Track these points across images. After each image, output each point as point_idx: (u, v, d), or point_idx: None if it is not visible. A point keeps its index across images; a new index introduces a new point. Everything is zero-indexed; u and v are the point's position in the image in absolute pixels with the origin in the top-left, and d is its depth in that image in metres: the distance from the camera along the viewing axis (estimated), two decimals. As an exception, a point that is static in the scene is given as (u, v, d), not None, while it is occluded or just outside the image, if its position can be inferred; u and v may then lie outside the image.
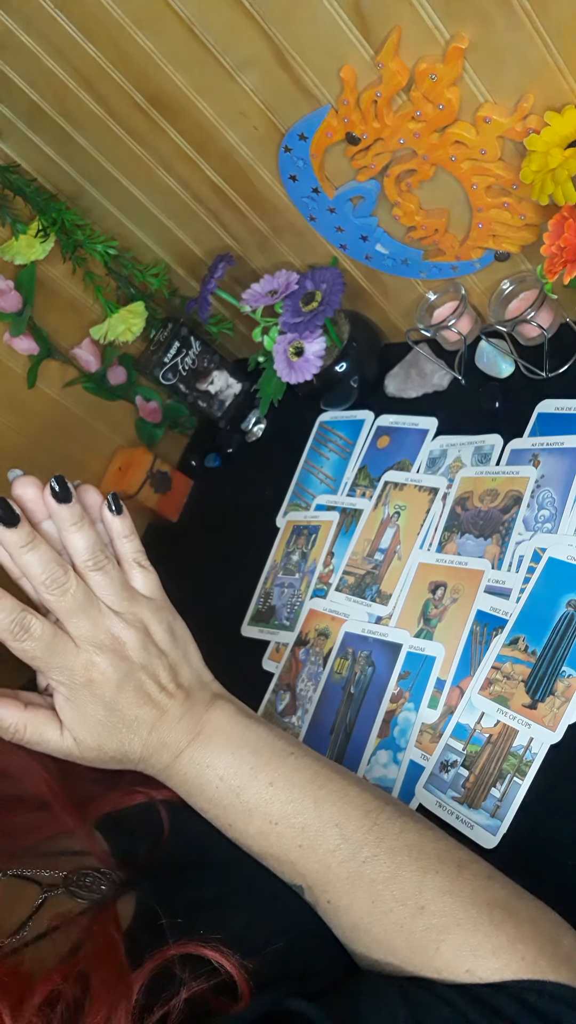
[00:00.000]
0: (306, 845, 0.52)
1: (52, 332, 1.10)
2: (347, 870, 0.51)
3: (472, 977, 0.47)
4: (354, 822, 0.52)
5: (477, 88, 0.69)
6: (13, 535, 0.51)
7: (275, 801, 0.53)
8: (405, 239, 0.87)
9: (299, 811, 0.52)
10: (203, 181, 0.95)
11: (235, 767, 0.53)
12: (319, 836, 0.52)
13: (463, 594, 0.80)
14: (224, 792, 0.53)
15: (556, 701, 0.69)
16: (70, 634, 0.52)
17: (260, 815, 0.53)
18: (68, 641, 0.52)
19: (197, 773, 0.54)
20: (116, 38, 0.80)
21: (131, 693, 0.53)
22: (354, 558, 0.92)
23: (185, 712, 0.55)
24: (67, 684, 0.52)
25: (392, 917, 0.49)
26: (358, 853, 0.51)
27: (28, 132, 0.97)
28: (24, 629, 0.51)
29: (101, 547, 0.54)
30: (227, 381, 1.20)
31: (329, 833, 0.52)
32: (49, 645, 0.51)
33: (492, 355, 0.90)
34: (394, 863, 0.50)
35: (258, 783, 0.53)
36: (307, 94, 0.77)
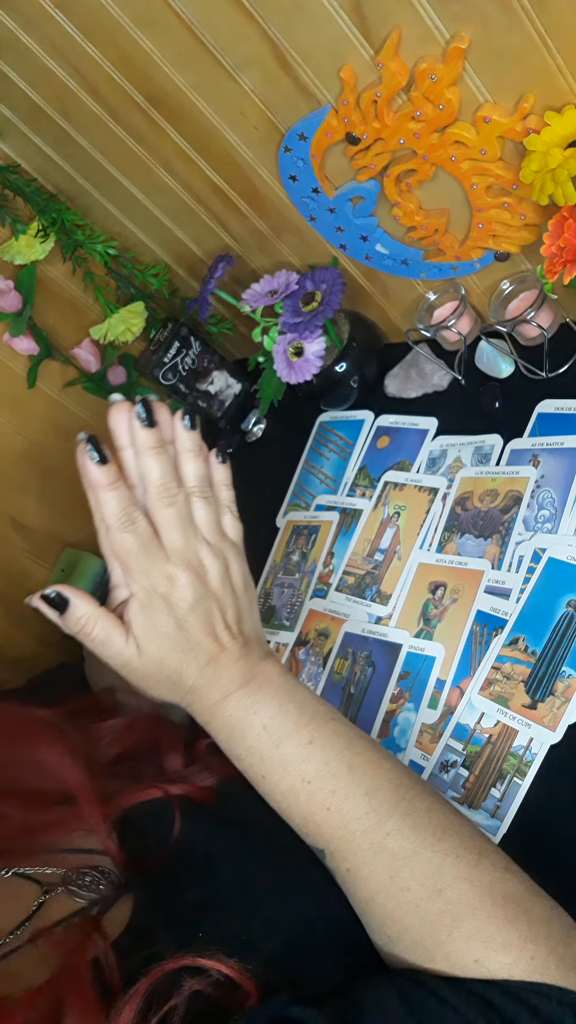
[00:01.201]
0: (334, 808, 0.52)
1: (52, 332, 1.10)
2: (370, 840, 0.51)
3: (480, 968, 0.47)
4: (384, 793, 0.52)
5: (477, 88, 0.69)
6: (148, 436, 0.56)
7: (312, 759, 0.53)
8: (405, 239, 0.87)
9: (333, 773, 0.53)
10: (203, 181, 0.95)
11: (280, 718, 0.55)
12: (348, 800, 0.52)
13: (463, 594, 0.80)
14: (265, 741, 0.54)
15: (556, 701, 0.69)
16: (164, 544, 0.56)
17: (295, 770, 0.53)
18: (161, 549, 0.55)
19: (242, 717, 0.55)
20: (116, 38, 0.80)
21: (201, 618, 0.55)
22: (354, 558, 0.92)
23: (241, 656, 0.56)
24: (147, 589, 0.55)
25: (408, 896, 0.50)
26: (383, 824, 0.51)
27: (28, 132, 0.97)
28: (131, 521, 0.55)
29: (208, 481, 0.58)
30: (227, 381, 1.20)
31: (358, 799, 0.52)
32: (146, 545, 0.55)
33: (492, 355, 0.90)
34: (417, 840, 0.51)
35: (298, 738, 0.54)
36: (307, 94, 0.77)
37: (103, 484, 0.58)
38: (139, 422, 0.56)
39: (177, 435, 0.58)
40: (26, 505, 1.12)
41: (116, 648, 0.56)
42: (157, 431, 0.56)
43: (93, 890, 0.53)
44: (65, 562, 1.14)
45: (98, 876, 0.54)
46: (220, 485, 0.60)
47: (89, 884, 0.54)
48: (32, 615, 1.16)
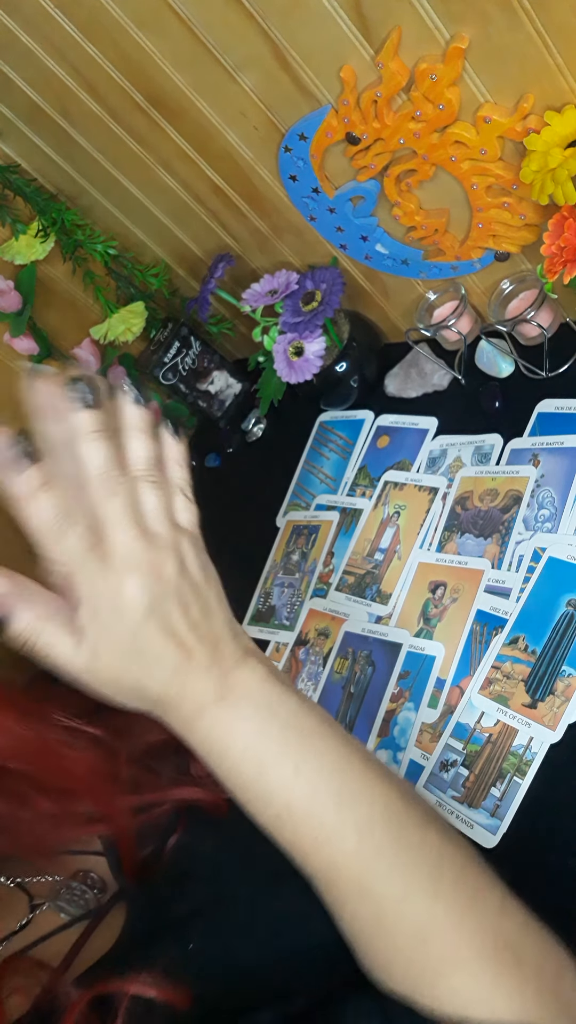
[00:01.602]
0: (321, 840, 0.48)
1: (52, 332, 1.10)
2: (357, 881, 0.47)
3: (465, 1016, 0.44)
4: (375, 828, 0.48)
5: (477, 88, 0.69)
6: (89, 418, 0.46)
7: (297, 789, 0.48)
8: (405, 239, 0.87)
9: (321, 806, 0.48)
10: (203, 181, 0.95)
11: (261, 742, 0.48)
12: (335, 837, 0.48)
13: (463, 594, 0.80)
14: (245, 767, 0.48)
15: (556, 700, 0.69)
16: (108, 545, 0.47)
17: (279, 800, 0.48)
18: (105, 552, 0.47)
19: (219, 737, 0.48)
20: (116, 38, 0.80)
21: (159, 624, 0.47)
22: (354, 558, 0.92)
23: (213, 663, 0.49)
24: (95, 596, 0.47)
25: (394, 940, 0.47)
26: (372, 866, 0.47)
27: (28, 132, 0.97)
28: (68, 526, 0.47)
29: (159, 465, 0.50)
30: (227, 381, 1.20)
31: (347, 836, 0.48)
32: (87, 550, 0.47)
33: (492, 355, 0.90)
34: (407, 884, 0.47)
35: (282, 766, 0.48)
36: (307, 94, 0.77)
37: (32, 490, 0.48)
38: (76, 403, 0.47)
39: (122, 411, 0.49)
40: (26, 505, 1.12)
41: (65, 656, 0.49)
42: (100, 412, 0.47)
43: (80, 904, 0.51)
44: (65, 562, 1.14)
45: (86, 888, 0.52)
46: (173, 463, 0.52)
47: (78, 898, 0.51)
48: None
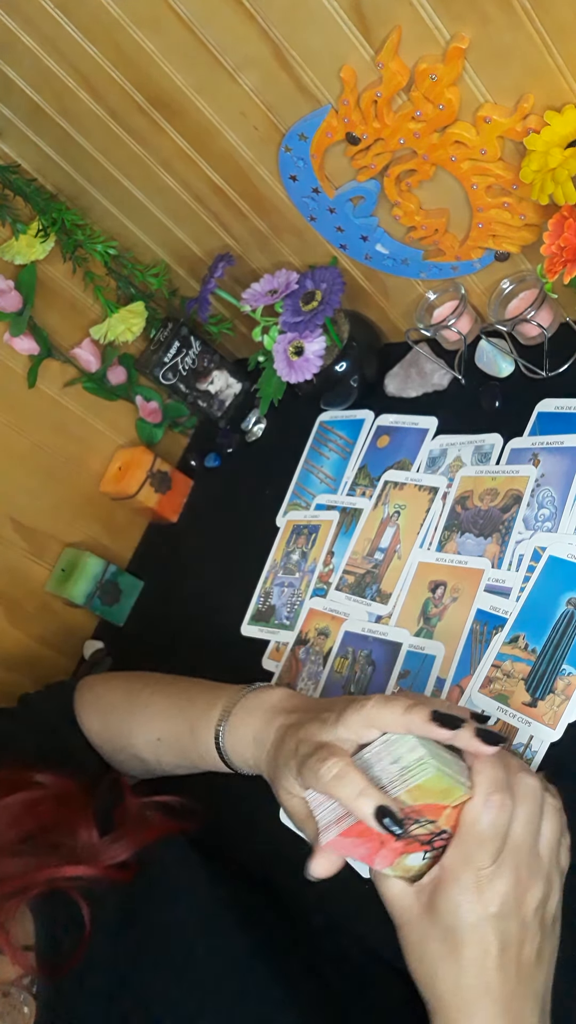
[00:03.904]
0: None
1: (52, 332, 1.10)
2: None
3: None
4: None
5: (477, 88, 0.69)
6: (554, 799, 0.53)
7: None
8: (405, 239, 0.87)
9: None
10: (203, 181, 0.95)
11: None
12: None
13: (463, 593, 0.80)
14: None
15: (556, 699, 0.69)
16: (524, 909, 0.50)
17: None
18: (521, 910, 0.50)
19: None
20: (116, 38, 0.80)
21: (501, 937, 0.49)
22: (354, 557, 0.92)
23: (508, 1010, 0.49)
24: (482, 877, 0.49)
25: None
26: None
27: (28, 132, 0.97)
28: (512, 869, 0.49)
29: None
30: (227, 381, 1.20)
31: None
32: (511, 895, 0.49)
33: (492, 354, 0.90)
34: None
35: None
36: (307, 94, 0.77)
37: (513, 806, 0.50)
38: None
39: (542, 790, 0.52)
40: (26, 505, 1.12)
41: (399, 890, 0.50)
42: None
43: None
44: (65, 562, 1.14)
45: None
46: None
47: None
48: (32, 615, 1.17)
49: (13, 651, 1.12)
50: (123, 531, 1.22)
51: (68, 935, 0.54)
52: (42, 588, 1.14)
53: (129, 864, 0.57)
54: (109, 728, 0.73)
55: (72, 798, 0.61)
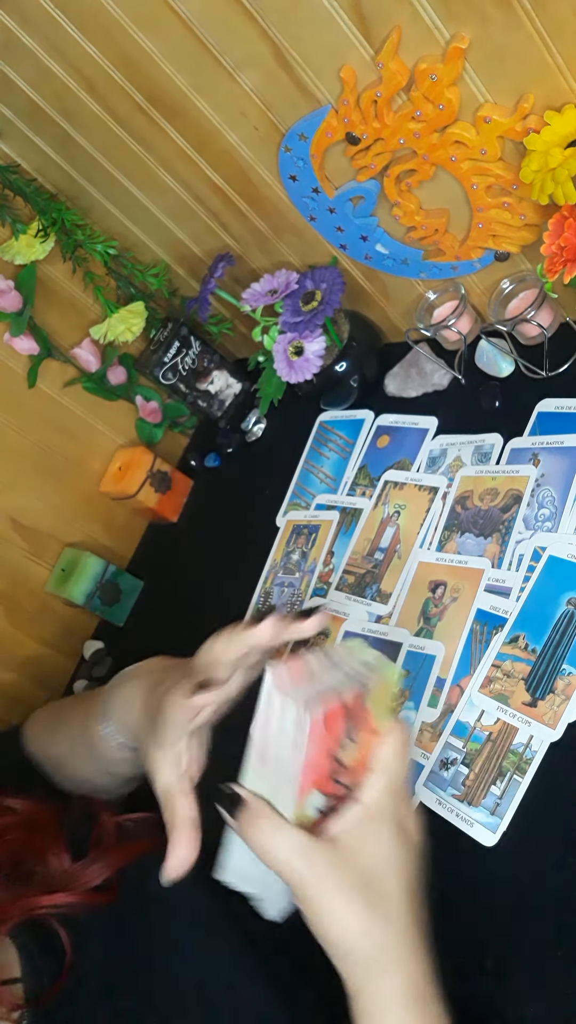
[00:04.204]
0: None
1: (52, 332, 1.10)
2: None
3: None
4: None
5: (477, 88, 0.69)
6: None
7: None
8: (405, 239, 0.87)
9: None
10: (203, 181, 0.95)
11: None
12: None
13: (463, 593, 0.80)
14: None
15: (556, 699, 0.69)
16: (409, 828, 0.52)
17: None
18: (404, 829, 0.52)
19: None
20: (116, 38, 0.80)
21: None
22: (354, 557, 0.92)
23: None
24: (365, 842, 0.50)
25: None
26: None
27: (28, 132, 0.97)
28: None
29: None
30: (227, 381, 1.20)
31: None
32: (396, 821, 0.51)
33: (492, 354, 0.90)
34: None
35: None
36: (307, 94, 0.77)
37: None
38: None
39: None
40: (26, 505, 1.12)
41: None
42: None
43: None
44: (65, 562, 1.14)
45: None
46: None
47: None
48: (32, 615, 1.17)
49: (13, 651, 1.12)
50: (123, 531, 1.22)
51: (50, 964, 0.53)
52: (42, 588, 1.14)
53: (108, 885, 0.56)
54: (50, 758, 0.71)
55: (42, 824, 0.59)
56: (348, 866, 0.47)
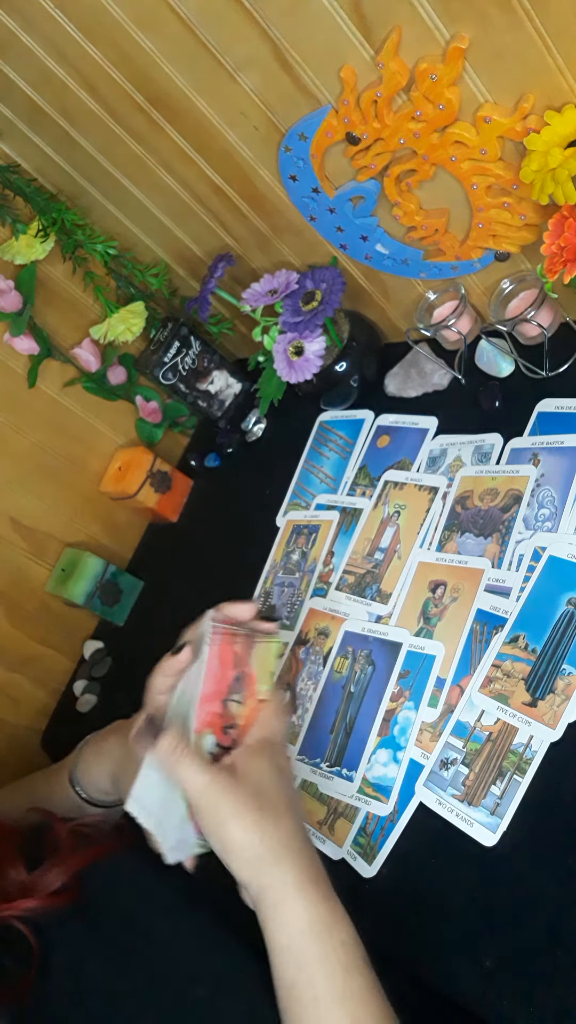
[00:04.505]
0: (302, 963, 0.55)
1: (52, 332, 1.10)
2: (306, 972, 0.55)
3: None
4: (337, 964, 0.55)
5: (477, 88, 0.69)
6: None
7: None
8: (405, 239, 0.87)
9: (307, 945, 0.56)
10: (203, 181, 0.95)
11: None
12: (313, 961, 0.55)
13: (463, 593, 0.80)
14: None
15: (556, 699, 0.69)
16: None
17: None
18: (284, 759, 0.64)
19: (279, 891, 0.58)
20: (116, 38, 0.80)
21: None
22: (354, 557, 0.92)
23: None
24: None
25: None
26: (318, 970, 0.55)
27: (28, 132, 0.97)
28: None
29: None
30: (227, 381, 1.20)
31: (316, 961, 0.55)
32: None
33: (492, 354, 0.90)
34: (333, 986, 0.55)
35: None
36: (307, 94, 0.77)
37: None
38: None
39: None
40: (26, 505, 1.12)
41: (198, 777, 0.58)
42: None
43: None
44: (65, 562, 1.14)
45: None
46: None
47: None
48: (32, 615, 1.17)
49: (13, 651, 1.12)
50: (123, 531, 1.22)
51: (17, 965, 0.56)
52: (42, 588, 1.14)
53: (68, 888, 0.59)
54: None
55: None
56: (241, 783, 0.58)
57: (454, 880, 0.69)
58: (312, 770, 0.82)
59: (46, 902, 0.58)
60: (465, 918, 0.67)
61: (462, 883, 0.68)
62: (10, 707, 1.11)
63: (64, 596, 1.12)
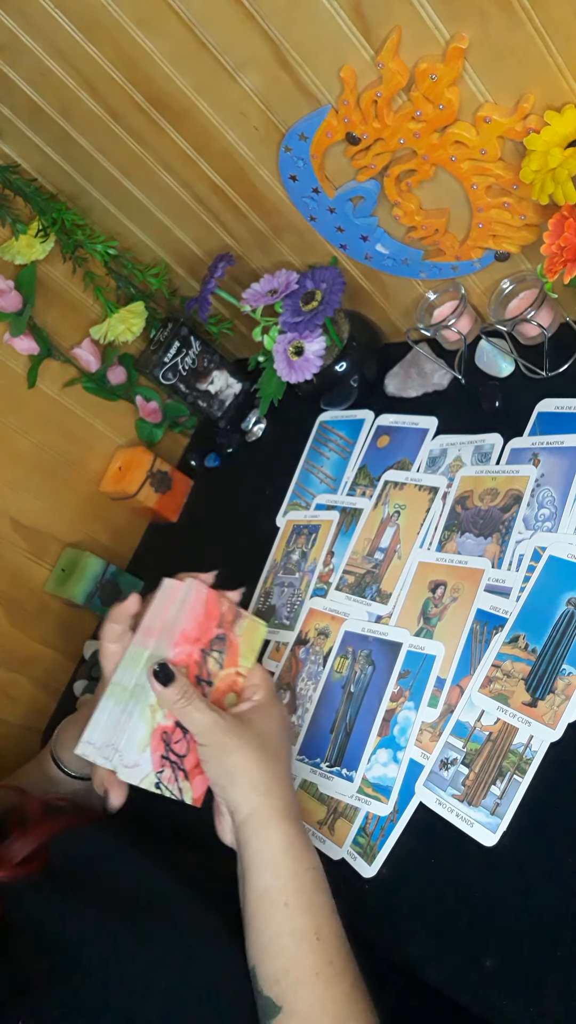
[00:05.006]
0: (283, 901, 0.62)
1: (52, 332, 1.10)
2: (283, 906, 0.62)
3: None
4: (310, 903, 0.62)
5: (477, 88, 0.69)
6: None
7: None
8: (405, 239, 0.87)
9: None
10: (203, 181, 0.95)
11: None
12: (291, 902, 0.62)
13: (463, 593, 0.80)
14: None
15: (556, 699, 0.69)
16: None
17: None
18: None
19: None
20: (116, 38, 0.80)
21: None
22: (354, 557, 0.92)
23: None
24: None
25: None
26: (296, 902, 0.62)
27: (28, 132, 0.97)
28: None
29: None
30: (227, 381, 1.20)
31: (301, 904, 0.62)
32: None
33: (492, 354, 0.90)
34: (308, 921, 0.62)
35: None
36: (307, 94, 0.77)
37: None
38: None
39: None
40: (26, 505, 1.12)
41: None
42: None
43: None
44: (65, 562, 1.14)
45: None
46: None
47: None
48: (32, 615, 1.17)
49: (13, 651, 1.12)
50: (123, 531, 1.22)
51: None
52: (42, 588, 1.14)
53: (35, 856, 0.64)
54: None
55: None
56: (247, 727, 0.65)
57: (454, 880, 0.69)
58: (312, 770, 0.82)
59: (13, 872, 0.63)
60: (465, 918, 0.67)
61: (462, 883, 0.68)
62: (10, 707, 1.11)
63: (64, 596, 1.12)
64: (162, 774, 0.65)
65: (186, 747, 0.66)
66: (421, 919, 0.69)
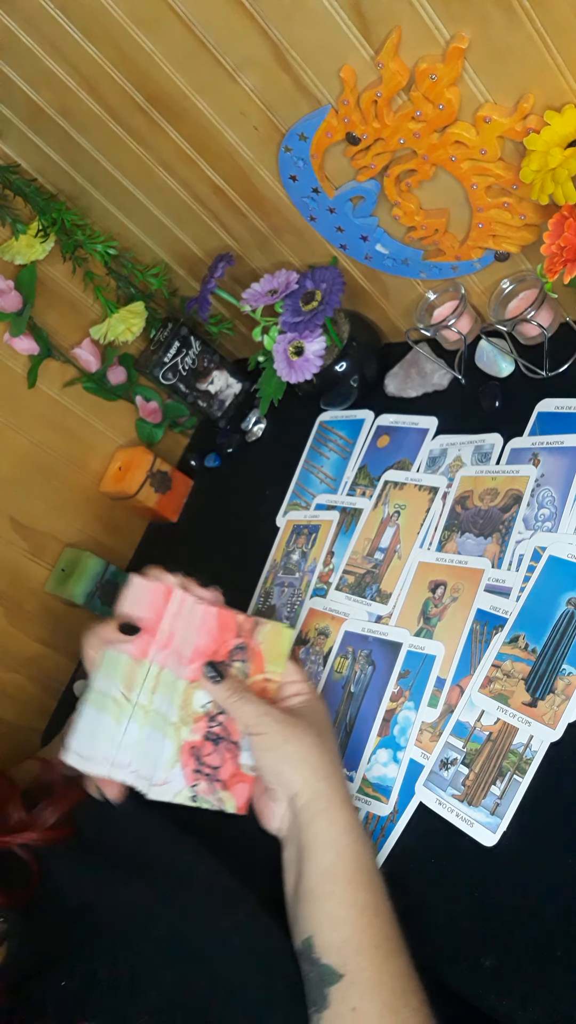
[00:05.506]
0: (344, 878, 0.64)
1: (52, 332, 1.10)
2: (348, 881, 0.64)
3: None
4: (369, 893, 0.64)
5: (477, 88, 0.69)
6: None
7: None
8: (405, 239, 0.87)
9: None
10: (203, 181, 0.95)
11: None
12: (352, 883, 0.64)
13: (463, 593, 0.80)
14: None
15: (556, 699, 0.69)
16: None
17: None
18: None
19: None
20: (116, 38, 0.80)
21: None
22: (354, 557, 0.92)
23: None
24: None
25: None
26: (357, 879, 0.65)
27: (28, 132, 0.97)
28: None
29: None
30: (227, 381, 1.20)
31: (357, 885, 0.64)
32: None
33: (492, 354, 0.90)
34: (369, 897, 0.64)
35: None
36: (307, 94, 0.77)
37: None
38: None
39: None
40: (26, 505, 1.12)
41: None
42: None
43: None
44: (65, 562, 1.14)
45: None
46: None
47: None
48: (32, 615, 1.17)
49: (13, 651, 1.12)
50: (123, 531, 1.22)
51: (20, 882, 0.64)
52: (42, 588, 1.14)
53: (61, 824, 0.68)
54: None
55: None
56: (302, 719, 0.68)
57: (454, 880, 0.69)
58: (312, 770, 0.82)
59: (45, 835, 0.67)
60: (465, 918, 0.67)
61: (462, 883, 0.68)
62: (10, 707, 1.11)
63: (64, 596, 1.12)
64: (197, 787, 0.67)
65: (220, 759, 0.68)
66: (421, 919, 0.69)
